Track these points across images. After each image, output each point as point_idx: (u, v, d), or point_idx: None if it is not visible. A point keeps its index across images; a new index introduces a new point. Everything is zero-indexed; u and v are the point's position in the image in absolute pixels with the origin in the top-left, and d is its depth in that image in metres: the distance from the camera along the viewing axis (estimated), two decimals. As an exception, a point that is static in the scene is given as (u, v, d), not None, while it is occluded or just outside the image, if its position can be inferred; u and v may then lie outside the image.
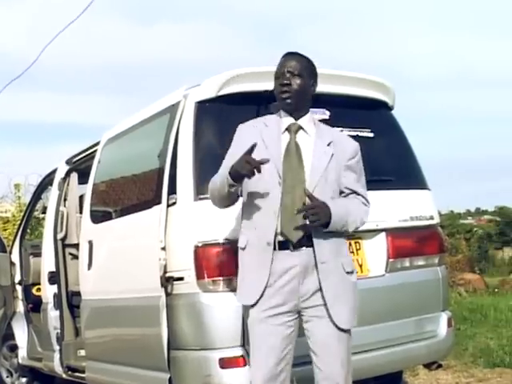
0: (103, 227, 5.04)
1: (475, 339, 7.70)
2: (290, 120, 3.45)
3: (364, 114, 4.73)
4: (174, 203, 4.11)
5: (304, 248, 3.32)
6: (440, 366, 4.88)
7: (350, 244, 4.38)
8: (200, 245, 3.94)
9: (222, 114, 4.22)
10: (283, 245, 3.32)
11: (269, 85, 3.71)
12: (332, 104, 4.46)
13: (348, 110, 4.58)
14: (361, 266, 4.40)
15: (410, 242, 4.65)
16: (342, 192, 3.48)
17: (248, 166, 3.17)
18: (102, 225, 5.06)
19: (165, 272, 4.05)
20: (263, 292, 3.32)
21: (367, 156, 4.62)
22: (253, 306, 3.37)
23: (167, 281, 4.05)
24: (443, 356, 4.98)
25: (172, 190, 4.12)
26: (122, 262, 4.65)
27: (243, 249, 3.42)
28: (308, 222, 3.25)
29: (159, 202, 4.14)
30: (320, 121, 4.40)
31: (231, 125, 4.10)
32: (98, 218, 5.16)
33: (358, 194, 3.50)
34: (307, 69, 3.45)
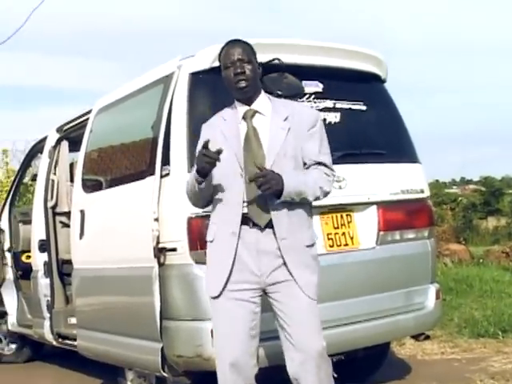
0: (95, 197, 5.04)
1: (460, 310, 7.79)
2: (244, 108, 3.43)
3: (356, 87, 4.74)
4: (168, 174, 4.13)
5: (266, 229, 3.32)
6: (428, 337, 4.95)
7: (342, 217, 4.44)
8: (193, 216, 3.96)
9: (216, 85, 4.17)
10: (247, 223, 3.32)
11: (264, 57, 3.72)
12: (324, 76, 4.48)
13: (340, 83, 4.59)
14: (352, 238, 4.45)
15: (401, 215, 4.69)
16: (305, 164, 3.42)
17: (206, 159, 3.20)
18: (94, 194, 5.06)
19: (157, 243, 4.08)
20: (227, 279, 3.31)
21: (359, 129, 4.71)
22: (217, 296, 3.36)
23: (160, 252, 4.08)
24: (431, 327, 5.06)
25: (165, 161, 4.13)
26: (114, 232, 4.67)
27: (211, 241, 3.41)
28: (260, 191, 3.25)
29: (152, 173, 4.16)
30: (313, 93, 4.47)
31: (225, 97, 4.11)
32: (89, 187, 5.15)
33: (321, 164, 3.43)
34: (253, 53, 3.45)
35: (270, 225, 3.32)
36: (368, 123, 4.73)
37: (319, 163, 3.42)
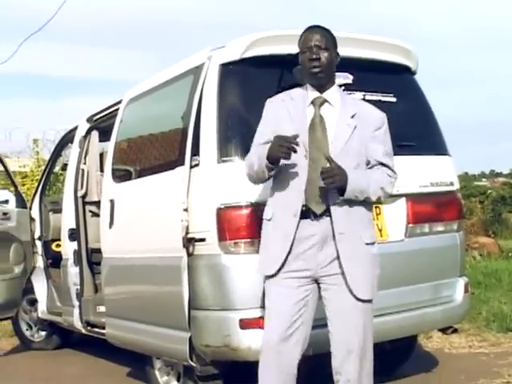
0: (125, 187, 5.07)
1: (489, 303, 7.73)
2: (315, 94, 3.47)
3: (386, 79, 4.72)
4: (197, 165, 4.15)
5: (324, 217, 3.36)
6: (455, 330, 4.95)
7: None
8: (222, 207, 3.99)
9: (246, 76, 4.23)
10: (306, 215, 3.37)
11: (293, 48, 3.71)
12: (355, 68, 4.44)
13: (371, 74, 4.57)
14: (380, 230, 4.43)
15: (430, 208, 4.68)
16: (368, 163, 3.50)
17: (284, 149, 3.25)
18: (124, 184, 5.09)
19: (187, 233, 4.10)
20: (284, 261, 3.38)
21: (389, 121, 4.67)
22: (273, 275, 3.42)
23: (189, 242, 4.10)
24: (459, 321, 5.04)
25: (195, 151, 4.15)
26: (143, 222, 4.70)
27: (269, 220, 3.47)
28: (323, 184, 3.30)
29: (182, 164, 4.17)
30: (342, 85, 4.45)
31: (255, 88, 4.17)
32: (120, 177, 5.19)
33: (384, 165, 3.51)
34: (332, 42, 3.48)
35: (328, 216, 3.35)
36: (398, 115, 4.65)
37: (382, 164, 3.50)
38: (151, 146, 4.89)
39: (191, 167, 4.14)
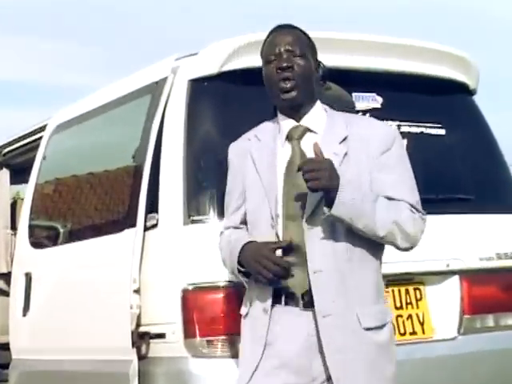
0: (48, 255, 5.14)
1: None
2: (289, 123, 3.48)
3: (432, 102, 4.85)
4: (155, 226, 4.23)
5: (305, 300, 3.34)
6: None
7: (408, 291, 4.52)
8: (190, 288, 4.06)
9: (227, 97, 4.35)
10: (288, 301, 3.38)
11: None
12: (385, 87, 4.60)
13: (408, 96, 4.71)
14: (422, 324, 4.52)
15: (496, 291, 4.76)
16: None
17: (263, 271, 3.28)
18: (47, 251, 5.16)
19: (138, 325, 4.17)
20: (254, 370, 3.38)
21: (435, 163, 4.75)
22: None
23: (141, 338, 4.17)
24: None
25: (152, 206, 4.24)
26: (75, 308, 4.76)
27: (244, 317, 3.51)
28: (305, 183, 3.25)
29: (133, 225, 4.25)
30: (368, 111, 4.55)
31: (239, 114, 4.24)
32: (40, 240, 5.26)
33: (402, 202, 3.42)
34: (309, 45, 3.51)
35: (309, 298, 3.34)
36: (448, 155, 4.80)
37: (398, 201, 3.40)
38: (88, 196, 4.96)
39: (146, 229, 4.22)
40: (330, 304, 3.30)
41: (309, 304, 3.33)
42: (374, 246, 3.40)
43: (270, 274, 3.25)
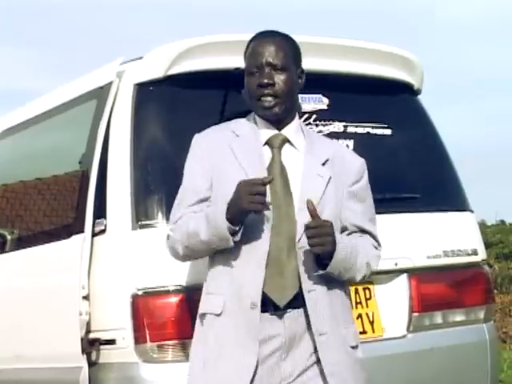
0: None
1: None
2: (270, 130, 3.48)
3: (378, 102, 4.88)
4: (103, 231, 4.22)
5: (290, 310, 3.37)
6: None
7: (357, 291, 4.52)
8: (140, 293, 4.05)
9: (174, 101, 4.34)
10: (263, 306, 3.35)
11: (242, 60, 3.73)
12: (331, 87, 4.60)
13: (354, 97, 4.73)
14: (372, 322, 4.54)
15: (444, 288, 4.80)
16: (344, 229, 3.52)
17: (256, 198, 3.20)
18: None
19: (88, 332, 4.15)
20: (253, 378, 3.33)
21: (382, 163, 4.76)
22: None
23: (91, 345, 4.15)
24: None
25: (100, 212, 4.22)
26: (21, 315, 4.75)
27: (218, 315, 3.39)
28: (308, 245, 3.28)
29: (81, 230, 4.24)
30: (313, 112, 4.56)
31: (187, 118, 4.23)
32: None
33: (366, 233, 3.55)
34: (293, 55, 3.50)
35: (296, 304, 3.36)
36: (395, 154, 4.84)
37: (363, 231, 3.54)
38: (34, 203, 4.94)
39: (94, 235, 4.21)
40: (326, 322, 3.38)
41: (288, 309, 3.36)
42: None
43: (263, 198, 3.21)
